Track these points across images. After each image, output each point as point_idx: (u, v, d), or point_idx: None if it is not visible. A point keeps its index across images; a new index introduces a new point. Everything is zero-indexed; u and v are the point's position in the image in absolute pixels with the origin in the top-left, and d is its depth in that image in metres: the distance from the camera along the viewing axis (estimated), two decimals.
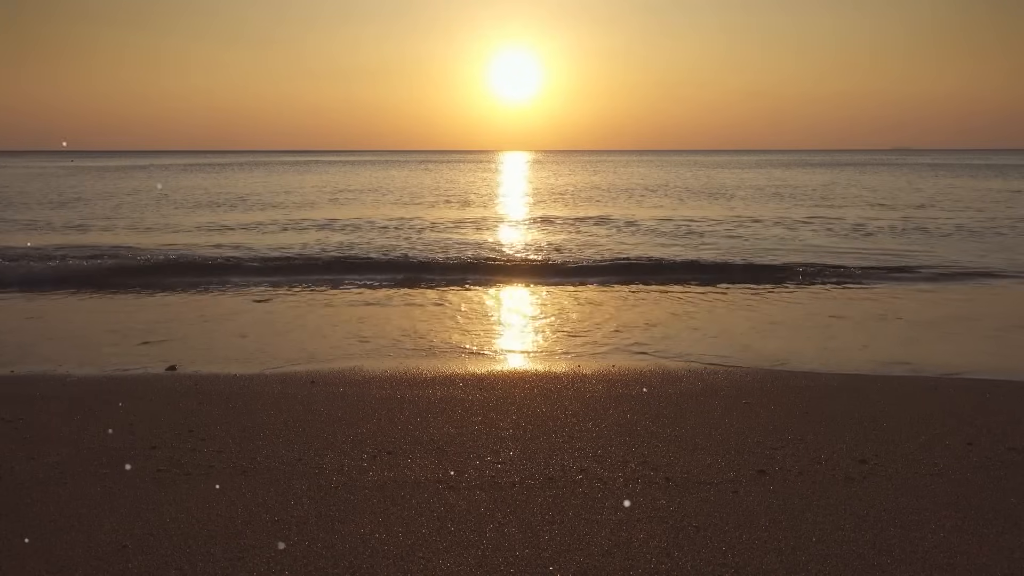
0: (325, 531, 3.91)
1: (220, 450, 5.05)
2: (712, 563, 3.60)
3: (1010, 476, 4.60)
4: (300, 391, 6.45)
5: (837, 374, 7.05)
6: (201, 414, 5.81)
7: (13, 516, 4.09)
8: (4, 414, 5.77)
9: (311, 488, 4.44)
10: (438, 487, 4.45)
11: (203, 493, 4.37)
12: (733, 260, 15.03)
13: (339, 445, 5.14)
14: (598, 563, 3.60)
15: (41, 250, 16.35)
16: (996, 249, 16.87)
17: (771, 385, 6.59)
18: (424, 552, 3.70)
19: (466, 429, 5.47)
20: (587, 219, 23.94)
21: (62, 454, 4.97)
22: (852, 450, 5.03)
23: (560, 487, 4.45)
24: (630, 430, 5.42)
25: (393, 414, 5.81)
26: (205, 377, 6.95)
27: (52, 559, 3.64)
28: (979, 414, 5.76)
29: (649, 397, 6.25)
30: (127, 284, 12.65)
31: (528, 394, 6.36)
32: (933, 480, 4.55)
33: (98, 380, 6.91)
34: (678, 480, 4.54)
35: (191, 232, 20.75)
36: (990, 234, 19.77)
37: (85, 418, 5.71)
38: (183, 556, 3.66)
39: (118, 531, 3.91)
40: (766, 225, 22.11)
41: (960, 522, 4.00)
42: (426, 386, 6.62)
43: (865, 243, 18.13)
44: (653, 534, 3.87)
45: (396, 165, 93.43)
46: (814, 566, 3.57)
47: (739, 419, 5.66)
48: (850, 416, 5.72)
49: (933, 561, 3.62)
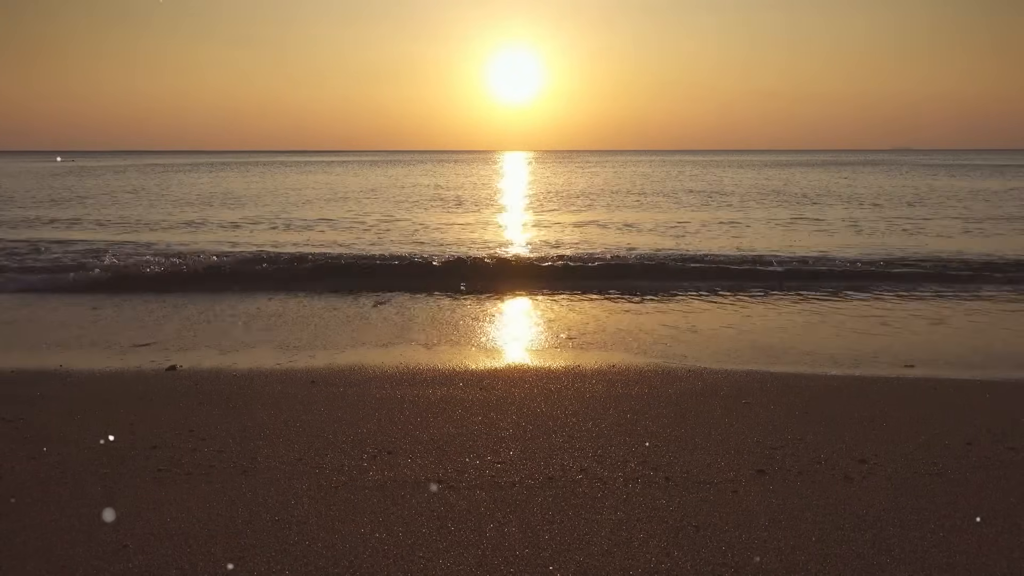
0: (325, 531, 3.92)
1: (220, 450, 5.05)
2: (712, 563, 3.60)
3: (1010, 476, 4.61)
4: (300, 391, 6.45)
5: (837, 375, 7.05)
6: (201, 414, 5.82)
7: (13, 516, 4.09)
8: (4, 414, 5.78)
9: (311, 488, 4.45)
10: (438, 487, 4.46)
11: (203, 493, 4.38)
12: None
13: (339, 445, 5.14)
14: (598, 563, 3.60)
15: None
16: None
17: (771, 385, 6.60)
18: (424, 552, 3.71)
19: (466, 429, 5.48)
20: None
21: (62, 454, 4.97)
22: (852, 450, 5.03)
23: (560, 487, 4.46)
24: (630, 430, 5.42)
25: (393, 414, 5.81)
26: (205, 377, 6.95)
27: (52, 559, 3.64)
28: (979, 414, 5.77)
29: (649, 397, 6.26)
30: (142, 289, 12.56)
31: (528, 394, 6.36)
32: (932, 480, 4.55)
33: (98, 380, 6.91)
34: (678, 480, 4.55)
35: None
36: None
37: (85, 418, 5.71)
38: (183, 556, 3.66)
39: (118, 531, 3.91)
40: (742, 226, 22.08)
41: (960, 522, 4.00)
42: (426, 386, 6.62)
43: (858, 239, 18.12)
44: (653, 534, 3.88)
45: (404, 164, 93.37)
46: (814, 566, 3.58)
47: (739, 419, 5.67)
48: (850, 416, 5.72)
49: (933, 561, 3.62)
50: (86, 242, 17.87)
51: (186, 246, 17.25)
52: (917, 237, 19.15)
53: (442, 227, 21.95)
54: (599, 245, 17.67)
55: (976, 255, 15.33)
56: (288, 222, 23.11)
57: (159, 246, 17.17)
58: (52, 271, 13.61)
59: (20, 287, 12.34)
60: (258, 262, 14.34)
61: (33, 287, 12.35)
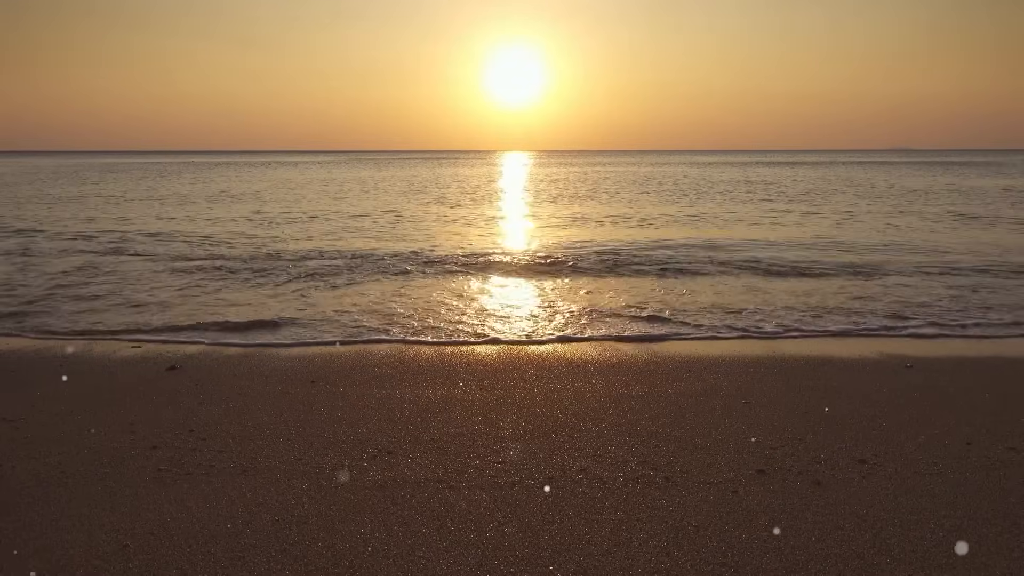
0: (325, 531, 3.92)
1: (220, 450, 5.06)
2: (712, 563, 3.60)
3: (1010, 476, 4.61)
4: (300, 391, 6.45)
5: (837, 375, 7.05)
6: (201, 414, 5.82)
7: (13, 516, 4.09)
8: (4, 414, 5.78)
9: (311, 488, 4.45)
10: (438, 487, 4.46)
11: (204, 493, 4.38)
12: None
13: (339, 445, 5.14)
14: (598, 563, 3.60)
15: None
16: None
17: (771, 385, 6.60)
18: (424, 552, 3.71)
19: (466, 429, 5.48)
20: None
21: (62, 454, 4.97)
22: (852, 450, 5.03)
23: (560, 487, 4.46)
24: (630, 430, 5.43)
25: (393, 414, 5.82)
26: (205, 377, 6.95)
27: (52, 559, 3.64)
28: (979, 414, 5.77)
29: (649, 397, 6.26)
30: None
31: (528, 394, 6.36)
32: (932, 480, 4.55)
33: (98, 380, 6.91)
34: (678, 480, 4.55)
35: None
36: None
37: (85, 418, 5.71)
38: (184, 556, 3.66)
39: (118, 531, 3.91)
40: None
41: (960, 522, 4.00)
42: (426, 386, 6.62)
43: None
44: (653, 534, 3.88)
45: (415, 164, 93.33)
46: (814, 566, 3.58)
47: (739, 419, 5.67)
48: (850, 416, 5.72)
49: (933, 561, 3.62)
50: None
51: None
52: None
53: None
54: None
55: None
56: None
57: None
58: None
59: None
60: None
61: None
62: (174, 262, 15.02)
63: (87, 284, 12.52)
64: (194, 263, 14.82)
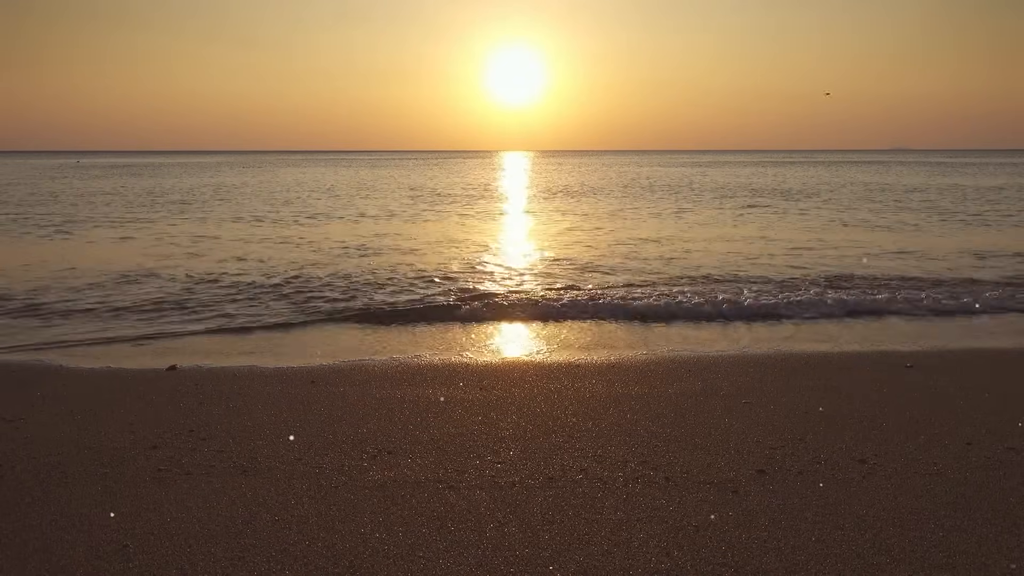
0: (325, 531, 3.92)
1: (220, 450, 5.05)
2: (712, 563, 3.60)
3: (1010, 476, 4.61)
4: (300, 391, 6.45)
5: (836, 374, 7.05)
6: (201, 414, 5.82)
7: (13, 516, 4.09)
8: (4, 414, 5.78)
9: (311, 488, 4.45)
10: (438, 487, 4.46)
11: (203, 493, 4.38)
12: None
13: (339, 445, 5.14)
14: (598, 563, 3.60)
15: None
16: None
17: (771, 385, 6.60)
18: (424, 552, 3.71)
19: (466, 429, 5.48)
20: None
21: (62, 454, 4.97)
22: (852, 450, 5.03)
23: (560, 487, 4.46)
24: (630, 430, 5.42)
25: (393, 414, 5.81)
26: (205, 377, 6.95)
27: (52, 559, 3.64)
28: (978, 413, 5.77)
29: (649, 397, 6.26)
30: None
31: (528, 394, 6.36)
32: (932, 480, 4.55)
33: (98, 380, 6.91)
34: (678, 480, 4.55)
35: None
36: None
37: (85, 418, 5.71)
38: (184, 556, 3.66)
39: (118, 531, 3.91)
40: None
41: (960, 522, 4.00)
42: (426, 386, 6.62)
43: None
44: (653, 534, 3.88)
45: (423, 163, 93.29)
46: (814, 566, 3.58)
47: (739, 419, 5.67)
48: (850, 416, 5.72)
49: (933, 561, 3.62)
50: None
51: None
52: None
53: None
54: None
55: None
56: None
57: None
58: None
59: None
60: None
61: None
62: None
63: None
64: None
